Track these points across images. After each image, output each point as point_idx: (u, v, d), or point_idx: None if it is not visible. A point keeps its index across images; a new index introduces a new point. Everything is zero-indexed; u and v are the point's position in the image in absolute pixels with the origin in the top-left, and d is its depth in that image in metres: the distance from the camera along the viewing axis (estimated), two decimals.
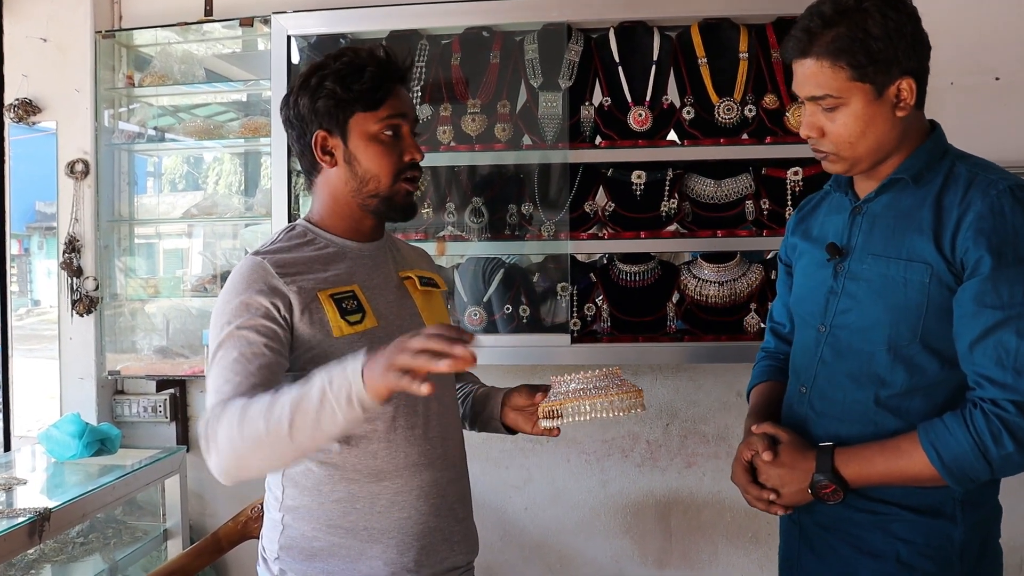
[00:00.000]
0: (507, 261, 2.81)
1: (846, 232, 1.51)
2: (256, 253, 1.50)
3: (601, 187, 2.75)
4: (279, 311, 1.43)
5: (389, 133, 1.52)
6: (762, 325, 2.59)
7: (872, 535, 1.45)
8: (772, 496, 1.48)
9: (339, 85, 1.48)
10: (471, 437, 1.76)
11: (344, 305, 1.48)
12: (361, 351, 1.25)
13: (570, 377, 1.54)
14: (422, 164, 1.60)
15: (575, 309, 2.71)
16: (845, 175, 1.50)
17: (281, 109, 1.58)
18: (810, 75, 1.39)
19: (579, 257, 2.80)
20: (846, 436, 1.46)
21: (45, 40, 3.04)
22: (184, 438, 3.11)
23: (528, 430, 1.64)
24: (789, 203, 2.60)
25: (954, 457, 1.31)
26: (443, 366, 1.16)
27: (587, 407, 1.48)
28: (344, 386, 1.22)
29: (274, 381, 1.39)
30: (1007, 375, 1.29)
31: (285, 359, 1.43)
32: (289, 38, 2.79)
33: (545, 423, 1.52)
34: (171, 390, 3.10)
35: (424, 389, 1.17)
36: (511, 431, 1.69)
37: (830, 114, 1.40)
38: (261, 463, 1.34)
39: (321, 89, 1.50)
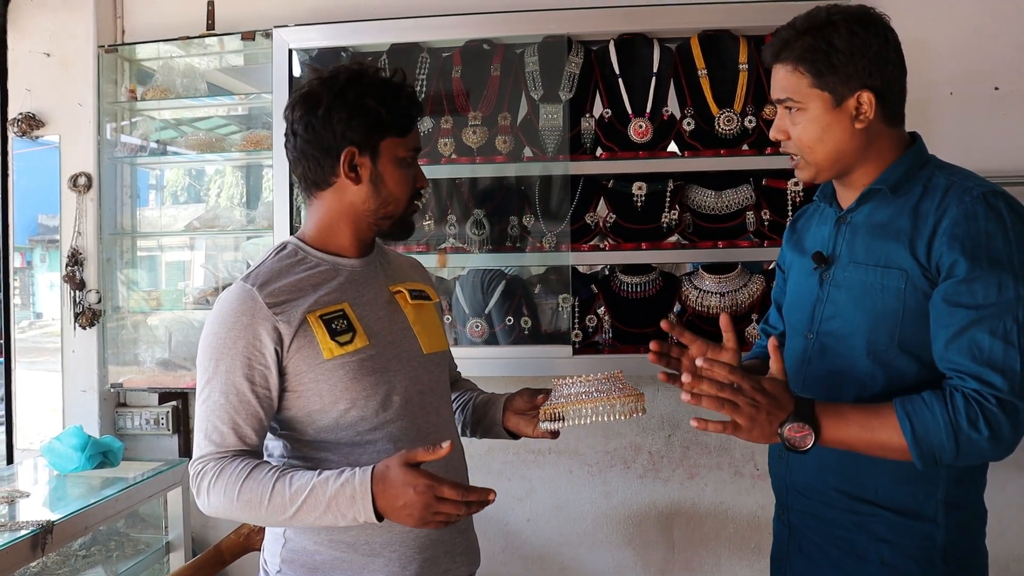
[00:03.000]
0: (508, 273, 2.81)
1: (831, 242, 1.56)
2: (245, 279, 1.49)
3: (602, 198, 2.76)
4: (269, 347, 1.44)
5: (410, 160, 1.55)
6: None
7: (857, 536, 1.48)
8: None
9: (382, 105, 1.48)
10: (473, 449, 1.76)
11: (334, 325, 1.48)
12: (367, 470, 1.36)
13: (572, 380, 1.54)
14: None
15: (576, 320, 2.71)
16: (813, 181, 1.54)
17: (300, 116, 1.52)
18: (778, 80, 1.48)
19: (580, 268, 2.81)
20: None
21: (48, 55, 3.06)
22: (187, 450, 3.10)
23: (530, 433, 1.64)
24: (790, 213, 2.61)
25: (926, 430, 1.32)
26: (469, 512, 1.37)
27: (588, 410, 1.48)
28: (353, 511, 1.34)
29: (262, 431, 1.47)
30: (983, 370, 1.31)
31: (273, 401, 1.47)
32: (291, 51, 2.81)
33: (545, 425, 1.53)
34: (173, 402, 3.10)
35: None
36: (513, 436, 1.69)
37: (793, 117, 1.47)
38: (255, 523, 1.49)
39: (361, 106, 1.48)
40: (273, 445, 1.55)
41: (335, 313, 1.49)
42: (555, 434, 1.58)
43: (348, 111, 1.48)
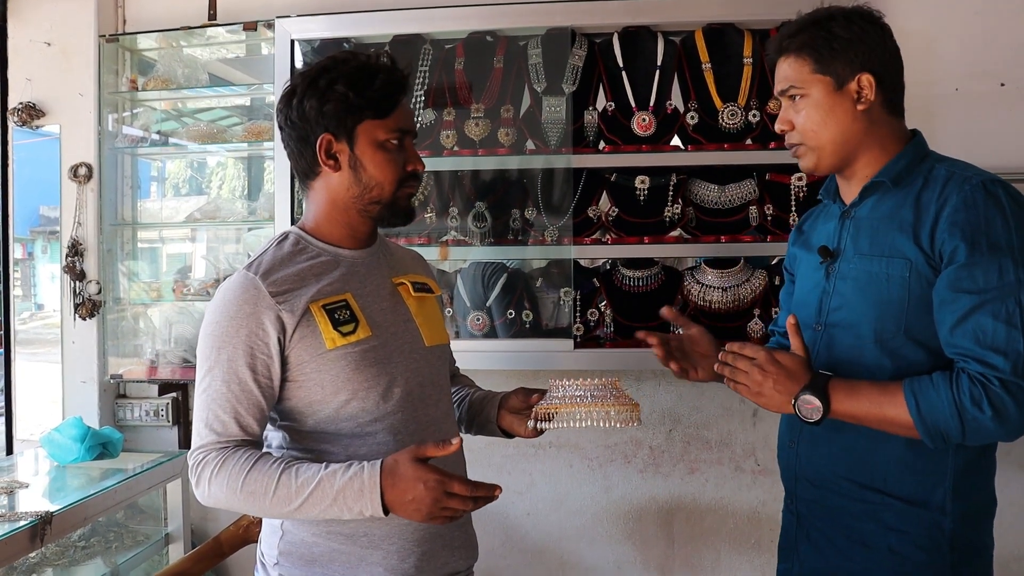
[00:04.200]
0: (510, 266, 2.80)
1: (836, 236, 1.60)
2: (248, 268, 1.49)
3: (604, 192, 2.75)
4: (273, 336, 1.43)
5: (395, 142, 1.51)
6: (765, 331, 2.59)
7: (865, 525, 1.51)
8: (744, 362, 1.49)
9: (351, 90, 1.47)
10: (473, 442, 1.76)
11: (336, 316, 1.47)
12: (376, 464, 1.36)
13: (569, 383, 1.54)
14: (425, 169, 1.60)
15: (578, 314, 2.70)
16: (817, 172, 1.58)
17: (280, 109, 1.55)
18: (781, 71, 1.55)
19: (582, 262, 2.80)
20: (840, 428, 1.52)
21: (49, 44, 3.05)
22: (186, 442, 3.09)
23: (523, 433, 1.65)
24: (793, 208, 2.59)
25: (931, 409, 1.36)
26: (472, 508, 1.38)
27: (581, 414, 1.48)
28: (360, 504, 1.35)
29: (263, 421, 1.47)
30: (987, 354, 1.35)
31: (275, 390, 1.47)
32: (293, 42, 2.79)
33: (539, 424, 1.52)
34: (173, 394, 3.09)
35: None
36: (507, 435, 1.69)
37: (796, 105, 1.53)
38: (256, 514, 1.49)
39: (331, 92, 1.47)
40: (272, 436, 1.55)
41: (338, 303, 1.49)
42: (540, 432, 1.58)
43: (318, 98, 1.48)
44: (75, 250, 3.01)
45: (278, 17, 2.80)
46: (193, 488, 1.44)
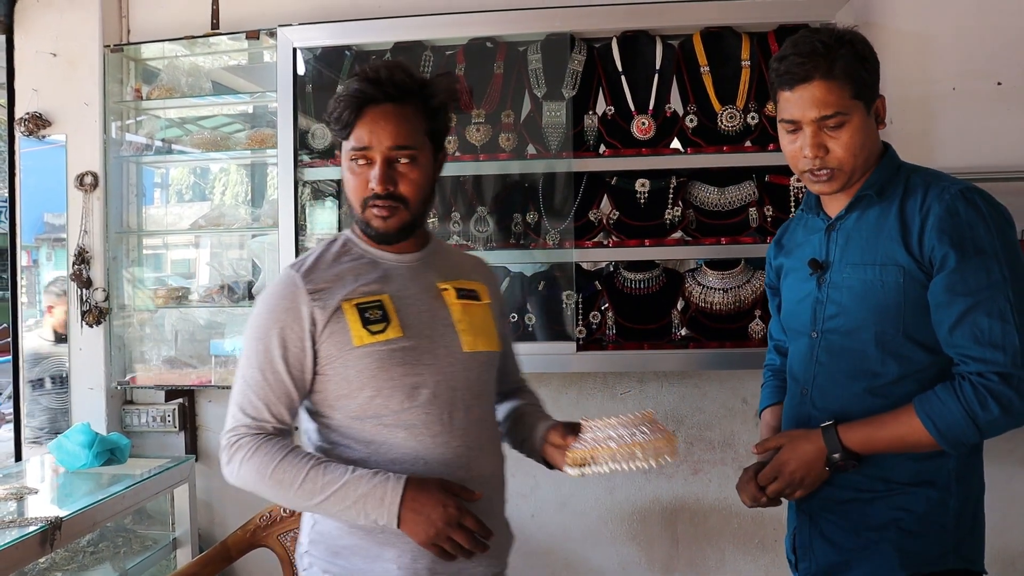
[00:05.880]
0: (512, 270, 2.82)
1: (823, 248, 1.67)
2: (292, 266, 1.58)
3: (605, 195, 2.77)
4: (305, 330, 1.51)
5: (355, 161, 1.54)
6: (767, 331, 2.60)
7: (876, 510, 1.58)
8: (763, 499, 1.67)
9: (329, 110, 1.56)
10: None
11: (367, 315, 1.52)
12: (401, 478, 1.44)
13: (602, 423, 1.57)
14: (384, 191, 1.55)
15: (580, 317, 2.72)
16: (841, 190, 1.61)
17: None
18: (819, 96, 1.53)
19: (584, 265, 2.82)
20: None
21: (55, 55, 3.08)
22: (193, 447, 3.12)
23: (563, 469, 1.60)
24: (792, 209, 2.61)
25: (948, 424, 1.46)
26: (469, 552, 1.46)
27: (617, 456, 1.52)
28: (377, 512, 1.43)
29: (293, 410, 1.55)
30: (985, 351, 1.45)
31: (306, 382, 1.54)
32: (295, 50, 2.82)
33: (571, 471, 1.54)
34: (180, 400, 3.11)
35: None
36: (550, 466, 1.67)
37: (835, 132, 1.55)
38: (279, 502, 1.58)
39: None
40: (307, 426, 1.61)
41: (372, 303, 1.54)
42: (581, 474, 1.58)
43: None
44: (81, 258, 3.03)
45: (280, 25, 2.83)
46: (223, 466, 1.52)
